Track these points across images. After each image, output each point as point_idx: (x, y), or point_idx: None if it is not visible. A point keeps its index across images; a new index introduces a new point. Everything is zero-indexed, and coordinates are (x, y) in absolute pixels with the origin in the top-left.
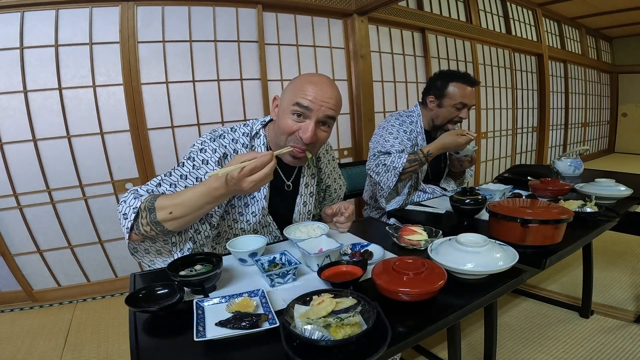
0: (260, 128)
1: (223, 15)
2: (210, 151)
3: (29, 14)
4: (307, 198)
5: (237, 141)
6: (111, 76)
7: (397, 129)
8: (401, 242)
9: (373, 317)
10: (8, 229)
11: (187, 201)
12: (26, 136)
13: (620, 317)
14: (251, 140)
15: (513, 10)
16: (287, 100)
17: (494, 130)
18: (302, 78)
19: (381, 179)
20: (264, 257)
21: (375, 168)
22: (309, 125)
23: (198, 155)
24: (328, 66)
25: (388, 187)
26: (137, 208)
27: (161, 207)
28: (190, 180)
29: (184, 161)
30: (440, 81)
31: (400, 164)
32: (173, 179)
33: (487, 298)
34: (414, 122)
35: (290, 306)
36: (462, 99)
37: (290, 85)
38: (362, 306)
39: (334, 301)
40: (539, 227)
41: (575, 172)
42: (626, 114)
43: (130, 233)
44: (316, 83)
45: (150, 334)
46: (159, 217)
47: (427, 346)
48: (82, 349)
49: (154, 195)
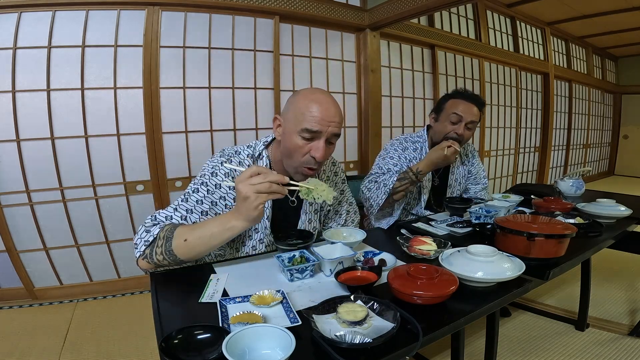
0: (262, 149)
1: (241, 25)
2: (222, 175)
3: (60, 13)
4: (312, 215)
5: (242, 164)
6: (132, 79)
7: (398, 154)
8: (411, 251)
9: (397, 315)
10: (17, 225)
11: (202, 236)
12: (45, 134)
13: (615, 330)
14: (254, 162)
15: (522, 29)
16: (292, 122)
17: (497, 149)
18: (305, 97)
19: (371, 195)
20: (285, 254)
21: (367, 184)
22: (319, 144)
23: (210, 180)
24: (339, 79)
25: (377, 204)
26: (156, 235)
27: (178, 235)
28: (205, 205)
29: (198, 187)
30: (443, 98)
31: (391, 182)
32: (189, 205)
33: (495, 304)
34: (418, 149)
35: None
36: (457, 110)
37: (292, 105)
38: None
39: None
40: (544, 241)
41: (577, 192)
42: (627, 135)
43: (140, 259)
44: (320, 102)
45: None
46: (173, 244)
47: (427, 355)
48: (81, 348)
49: (172, 225)
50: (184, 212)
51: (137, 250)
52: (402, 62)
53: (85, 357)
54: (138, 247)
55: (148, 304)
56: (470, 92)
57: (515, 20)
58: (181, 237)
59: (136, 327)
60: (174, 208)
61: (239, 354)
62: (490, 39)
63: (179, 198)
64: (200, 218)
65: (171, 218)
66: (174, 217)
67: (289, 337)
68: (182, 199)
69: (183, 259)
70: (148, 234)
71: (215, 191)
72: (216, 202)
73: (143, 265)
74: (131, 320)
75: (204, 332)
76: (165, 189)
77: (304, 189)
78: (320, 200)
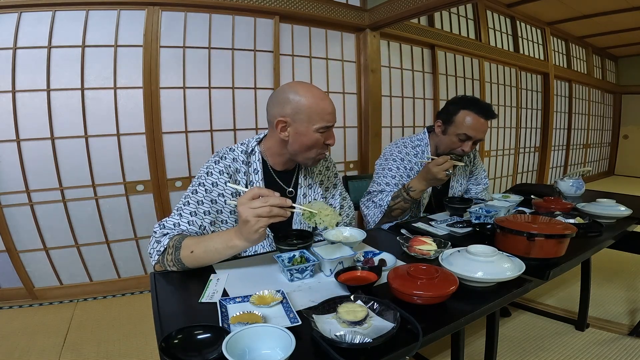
0: (255, 145)
1: (241, 25)
2: (217, 173)
3: (60, 14)
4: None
5: (237, 159)
6: (132, 79)
7: (397, 165)
8: (411, 251)
9: (397, 315)
10: (17, 225)
11: (207, 250)
12: (45, 134)
13: (615, 330)
14: (248, 157)
15: (522, 29)
16: (306, 122)
17: (497, 149)
18: (313, 97)
19: (369, 212)
20: (285, 254)
21: (366, 202)
22: (331, 133)
23: (207, 180)
24: (339, 79)
25: (374, 221)
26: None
27: (185, 246)
28: (206, 204)
29: (196, 188)
30: (453, 106)
31: (385, 202)
32: (192, 208)
33: (495, 304)
34: (419, 153)
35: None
36: (468, 130)
37: (300, 106)
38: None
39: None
40: (544, 241)
41: (577, 193)
42: (627, 135)
43: (155, 264)
44: (324, 99)
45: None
46: (181, 254)
47: (427, 355)
48: (81, 348)
49: (181, 236)
50: (189, 215)
51: (152, 260)
52: (402, 62)
53: (85, 357)
54: (152, 257)
55: (148, 304)
56: (483, 103)
57: (515, 20)
58: (188, 248)
59: (136, 327)
60: (178, 214)
61: (239, 354)
62: (490, 39)
63: (180, 202)
64: (204, 219)
65: (179, 225)
66: (182, 223)
67: (289, 337)
68: (184, 203)
69: (190, 267)
70: (159, 245)
71: (213, 190)
72: (215, 199)
73: (158, 268)
74: (131, 320)
75: (204, 332)
76: (165, 189)
77: (307, 212)
78: (322, 226)
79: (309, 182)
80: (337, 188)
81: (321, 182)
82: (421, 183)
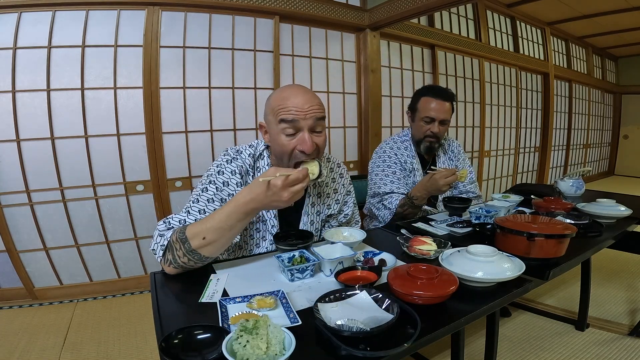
0: (263, 149)
1: (241, 25)
2: (229, 173)
3: (60, 14)
4: (314, 217)
5: (245, 162)
6: (132, 79)
7: (392, 169)
8: (411, 251)
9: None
10: (17, 225)
11: (217, 224)
12: (45, 134)
13: (615, 330)
14: (255, 162)
15: (522, 29)
16: (272, 121)
17: (497, 149)
18: (276, 95)
19: (380, 213)
20: (285, 254)
21: (376, 204)
22: (304, 136)
23: (217, 179)
24: (339, 79)
25: (385, 221)
26: (169, 240)
27: (193, 235)
28: (217, 203)
29: (207, 186)
30: (415, 96)
31: (394, 205)
32: (201, 205)
33: (495, 304)
34: (408, 147)
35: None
36: (429, 113)
37: (267, 107)
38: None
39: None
40: (544, 241)
41: (577, 192)
42: (627, 135)
43: (166, 266)
44: (291, 92)
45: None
46: (193, 245)
47: (427, 355)
48: (81, 348)
49: (182, 227)
50: (197, 213)
51: (157, 256)
52: (402, 62)
53: (85, 357)
54: (157, 253)
55: (148, 304)
56: (439, 87)
57: (515, 20)
58: (199, 235)
59: (136, 327)
60: (186, 212)
61: None
62: (490, 39)
63: (190, 201)
64: None
65: (185, 222)
66: (188, 220)
67: (289, 337)
68: (193, 201)
69: (207, 255)
70: (162, 238)
71: (224, 189)
72: (225, 199)
73: (171, 271)
74: (131, 320)
75: (204, 332)
76: (165, 189)
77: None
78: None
79: (317, 190)
80: (350, 194)
81: (335, 190)
82: (423, 192)
